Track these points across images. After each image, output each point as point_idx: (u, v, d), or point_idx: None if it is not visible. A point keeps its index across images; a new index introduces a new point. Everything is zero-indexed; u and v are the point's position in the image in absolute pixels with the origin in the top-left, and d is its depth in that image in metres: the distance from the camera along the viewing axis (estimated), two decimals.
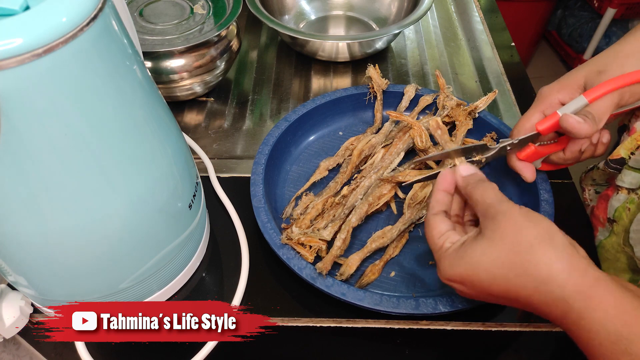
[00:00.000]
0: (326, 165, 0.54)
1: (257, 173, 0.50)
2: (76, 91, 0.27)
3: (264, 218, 0.46)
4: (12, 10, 0.25)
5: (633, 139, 0.46)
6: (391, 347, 0.44)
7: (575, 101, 0.43)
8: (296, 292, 0.46)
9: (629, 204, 0.45)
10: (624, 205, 0.46)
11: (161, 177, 0.36)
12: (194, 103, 0.65)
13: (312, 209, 0.49)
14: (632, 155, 0.46)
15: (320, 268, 0.42)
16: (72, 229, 0.32)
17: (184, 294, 0.45)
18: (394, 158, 0.52)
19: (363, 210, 0.47)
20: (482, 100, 0.58)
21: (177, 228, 0.40)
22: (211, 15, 0.59)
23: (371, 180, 0.50)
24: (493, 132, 0.57)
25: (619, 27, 1.79)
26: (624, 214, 0.45)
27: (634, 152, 0.46)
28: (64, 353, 0.45)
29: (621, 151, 0.47)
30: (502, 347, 0.45)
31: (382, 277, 0.46)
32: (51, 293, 0.38)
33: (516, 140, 0.46)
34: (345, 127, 0.61)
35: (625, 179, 0.46)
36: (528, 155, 0.47)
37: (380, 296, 0.41)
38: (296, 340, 0.45)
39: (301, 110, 0.57)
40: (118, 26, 0.30)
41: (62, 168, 0.29)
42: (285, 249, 0.44)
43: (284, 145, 0.55)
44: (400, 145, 0.53)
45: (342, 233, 0.45)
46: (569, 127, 0.41)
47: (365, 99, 0.61)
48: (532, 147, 0.46)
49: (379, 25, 0.77)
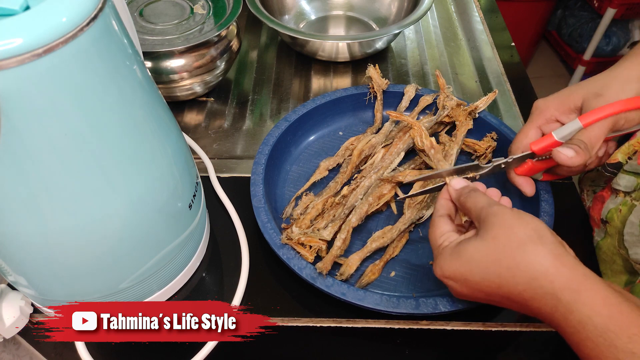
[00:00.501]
0: (326, 165, 0.54)
1: (257, 173, 0.50)
2: (76, 91, 0.27)
3: (264, 218, 0.46)
4: (12, 10, 0.25)
5: (630, 144, 0.47)
6: (391, 347, 0.44)
7: (571, 124, 0.43)
8: (296, 292, 0.46)
9: (621, 206, 0.45)
10: (617, 207, 0.46)
11: (161, 177, 0.36)
12: (194, 103, 0.65)
13: (312, 209, 0.49)
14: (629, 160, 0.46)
15: (321, 268, 0.42)
16: (72, 229, 0.32)
17: (184, 294, 0.45)
18: (394, 158, 0.52)
19: (363, 210, 0.47)
20: (482, 100, 0.58)
21: (177, 228, 0.40)
22: (211, 15, 0.59)
23: (371, 180, 0.50)
24: (493, 132, 0.57)
25: (619, 27, 1.79)
26: (615, 216, 0.46)
27: (631, 157, 0.46)
28: (64, 353, 0.45)
29: (618, 155, 0.47)
30: (502, 347, 0.45)
31: (382, 277, 0.46)
32: (51, 293, 0.38)
33: (510, 159, 0.46)
34: (345, 127, 0.61)
35: (621, 182, 0.46)
36: (525, 170, 0.47)
37: (381, 296, 0.41)
38: (296, 340, 0.45)
39: (301, 110, 0.57)
40: (118, 26, 0.30)
41: (62, 168, 0.29)
42: (286, 249, 0.44)
43: (284, 145, 0.55)
44: (400, 145, 0.53)
45: (342, 233, 0.45)
46: (561, 161, 0.42)
47: (365, 99, 0.61)
48: (530, 162, 0.46)
49: (379, 25, 0.77)
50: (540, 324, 0.44)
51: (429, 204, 0.50)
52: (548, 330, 0.44)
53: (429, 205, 0.50)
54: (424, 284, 0.46)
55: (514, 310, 0.44)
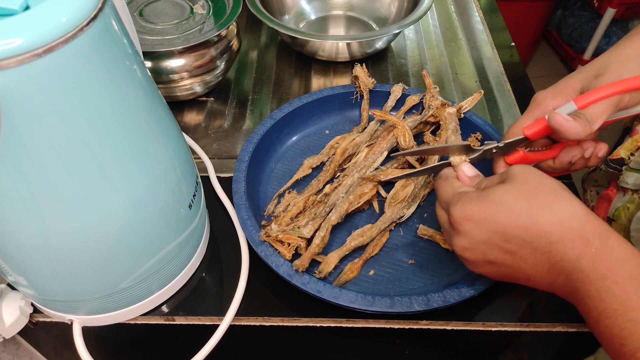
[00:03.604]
0: (310, 164, 0.54)
1: (239, 170, 0.50)
2: (76, 91, 0.27)
3: (244, 215, 0.46)
4: (12, 10, 0.25)
5: (634, 140, 0.47)
6: (391, 347, 0.44)
7: (565, 107, 0.41)
8: (297, 292, 0.46)
9: (629, 204, 0.45)
10: (624, 205, 0.46)
11: (161, 177, 0.36)
12: (194, 103, 0.65)
13: (293, 206, 0.49)
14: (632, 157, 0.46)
15: (298, 265, 0.43)
16: (72, 228, 0.32)
17: (184, 294, 0.45)
18: (377, 157, 0.52)
19: (343, 208, 0.47)
20: (467, 100, 0.57)
21: (177, 228, 0.40)
22: (211, 15, 0.59)
23: (353, 179, 0.50)
24: (478, 132, 0.56)
25: (619, 27, 1.79)
26: (623, 213, 0.46)
27: (633, 152, 0.46)
28: (64, 353, 0.45)
29: (621, 152, 0.47)
30: (502, 347, 0.45)
31: (361, 275, 0.46)
32: (51, 293, 0.38)
33: (502, 143, 0.44)
34: (332, 125, 0.61)
35: (629, 181, 0.46)
36: (516, 160, 0.45)
37: (356, 294, 0.41)
38: (296, 340, 0.45)
39: (287, 108, 0.57)
40: (118, 26, 0.30)
41: (62, 168, 0.29)
42: (264, 246, 0.44)
43: (269, 143, 0.55)
44: (383, 144, 0.53)
45: (322, 231, 0.45)
46: (557, 125, 0.39)
47: (352, 98, 0.61)
48: (521, 151, 0.45)
49: (379, 25, 0.77)
50: (541, 323, 0.44)
51: (410, 203, 0.50)
52: (548, 330, 0.44)
53: (410, 204, 0.50)
54: (402, 283, 0.46)
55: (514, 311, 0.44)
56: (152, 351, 0.50)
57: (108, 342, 0.46)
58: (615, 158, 0.48)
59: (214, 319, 0.44)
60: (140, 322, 0.44)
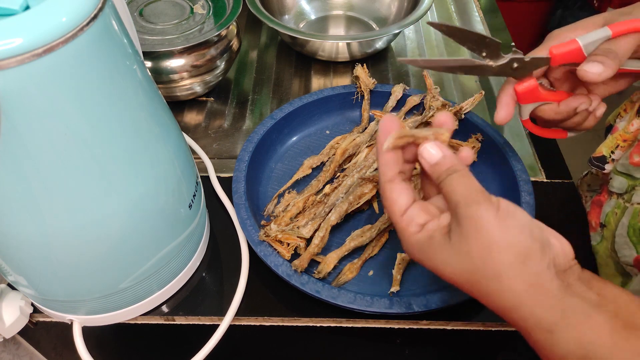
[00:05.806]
0: (310, 164, 0.54)
1: (239, 170, 0.50)
2: (76, 91, 0.27)
3: (243, 215, 0.46)
4: (12, 10, 0.25)
5: (614, 137, 0.47)
6: (391, 347, 0.44)
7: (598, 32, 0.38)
8: (297, 292, 0.46)
9: (617, 209, 0.45)
10: (613, 210, 0.46)
11: (161, 177, 0.36)
12: (194, 103, 0.65)
13: (292, 206, 0.49)
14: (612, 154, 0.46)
15: (296, 265, 0.43)
16: (72, 229, 0.32)
17: (184, 294, 0.45)
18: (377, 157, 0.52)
19: (343, 209, 0.47)
20: (467, 101, 0.57)
21: (177, 228, 0.40)
22: (211, 15, 0.59)
23: (353, 180, 0.50)
24: (479, 133, 0.56)
25: None
26: (612, 219, 0.46)
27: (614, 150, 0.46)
28: (64, 353, 0.45)
29: (603, 149, 0.47)
30: (502, 347, 0.45)
31: (360, 275, 0.46)
32: (51, 293, 0.38)
33: (528, 57, 0.41)
34: (332, 126, 0.60)
35: (615, 184, 0.46)
36: (526, 89, 0.42)
37: (355, 295, 0.41)
38: (296, 340, 0.45)
39: (288, 108, 0.57)
40: (118, 26, 0.30)
41: (62, 168, 0.29)
42: (263, 246, 0.44)
43: (269, 142, 0.55)
44: None
45: (321, 231, 0.45)
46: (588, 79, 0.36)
47: (352, 99, 0.61)
48: (534, 81, 0.42)
49: (379, 25, 0.77)
50: None
51: None
52: None
53: None
54: (401, 283, 0.46)
55: None
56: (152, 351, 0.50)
57: (108, 342, 0.46)
58: (597, 156, 0.48)
59: (214, 319, 0.44)
60: (140, 322, 0.44)
